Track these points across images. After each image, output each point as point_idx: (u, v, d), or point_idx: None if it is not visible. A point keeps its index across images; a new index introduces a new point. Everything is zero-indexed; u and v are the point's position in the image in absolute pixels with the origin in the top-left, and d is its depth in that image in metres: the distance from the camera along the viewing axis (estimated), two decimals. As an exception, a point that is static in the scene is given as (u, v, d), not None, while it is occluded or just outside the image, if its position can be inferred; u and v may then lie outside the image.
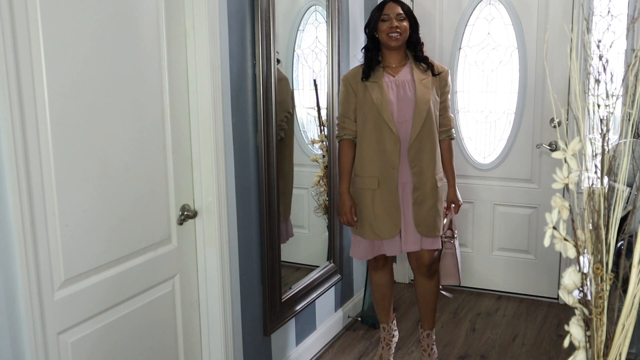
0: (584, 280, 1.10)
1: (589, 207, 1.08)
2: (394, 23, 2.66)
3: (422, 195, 2.73)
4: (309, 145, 3.30)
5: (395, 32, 2.66)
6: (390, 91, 2.69)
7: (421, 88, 2.70)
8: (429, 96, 2.70)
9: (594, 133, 1.10)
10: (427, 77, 2.73)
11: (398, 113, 2.69)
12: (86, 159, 1.79)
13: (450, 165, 2.87)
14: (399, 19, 2.67)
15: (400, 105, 2.69)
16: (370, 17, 2.75)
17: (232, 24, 2.33)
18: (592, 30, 3.28)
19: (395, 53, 2.73)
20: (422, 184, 2.72)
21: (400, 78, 2.72)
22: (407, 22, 2.70)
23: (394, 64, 2.74)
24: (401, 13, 2.68)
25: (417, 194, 2.73)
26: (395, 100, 2.69)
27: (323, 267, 3.26)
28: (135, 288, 2.04)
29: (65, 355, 1.78)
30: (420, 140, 2.70)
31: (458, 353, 3.24)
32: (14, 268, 1.59)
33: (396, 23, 2.66)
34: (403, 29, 2.68)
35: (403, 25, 2.68)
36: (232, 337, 2.44)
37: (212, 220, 2.30)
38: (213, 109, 2.23)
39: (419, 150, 2.70)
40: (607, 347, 1.09)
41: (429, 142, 2.72)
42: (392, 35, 2.66)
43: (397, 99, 2.69)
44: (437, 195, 2.76)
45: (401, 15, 2.68)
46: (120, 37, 1.89)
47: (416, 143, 2.69)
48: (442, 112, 2.80)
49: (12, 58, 1.53)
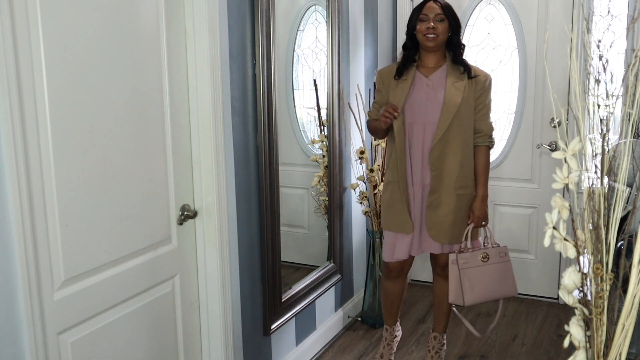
0: (584, 280, 1.10)
1: (589, 207, 1.08)
2: (431, 24, 2.60)
3: (438, 199, 2.67)
4: (309, 145, 3.30)
5: (432, 32, 2.60)
6: (419, 91, 2.66)
7: (452, 91, 2.63)
8: (458, 100, 2.62)
9: (594, 133, 1.10)
10: (461, 80, 2.65)
11: (425, 114, 2.65)
12: (86, 159, 1.79)
13: (481, 173, 2.72)
14: (437, 19, 2.61)
15: (427, 107, 2.65)
16: (411, 15, 2.71)
17: (232, 24, 2.33)
18: (592, 30, 3.28)
19: (433, 54, 2.68)
20: (439, 188, 2.66)
21: (433, 79, 2.68)
22: (447, 23, 2.63)
23: (430, 64, 2.70)
24: (440, 13, 2.61)
25: (433, 197, 2.68)
26: (423, 101, 2.65)
27: (323, 267, 3.26)
28: (135, 288, 2.04)
29: (65, 355, 1.78)
30: (445, 143, 2.63)
31: (458, 353, 3.24)
32: (14, 268, 1.59)
33: (433, 24, 2.60)
34: (441, 30, 2.61)
35: (441, 26, 2.61)
36: (232, 337, 2.44)
37: (212, 220, 2.30)
38: (213, 109, 2.23)
39: (442, 153, 2.64)
40: (607, 347, 1.09)
41: (456, 146, 2.64)
42: (428, 36, 2.61)
43: (427, 99, 2.65)
44: (457, 202, 2.67)
45: (440, 15, 2.61)
46: (120, 37, 1.89)
47: (439, 146, 2.63)
48: (479, 117, 2.69)
49: (12, 58, 1.53)
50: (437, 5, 2.64)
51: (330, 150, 3.22)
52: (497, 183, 3.88)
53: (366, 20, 3.58)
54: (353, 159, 3.49)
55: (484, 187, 2.74)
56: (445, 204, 2.68)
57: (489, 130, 2.72)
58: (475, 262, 2.67)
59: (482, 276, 2.67)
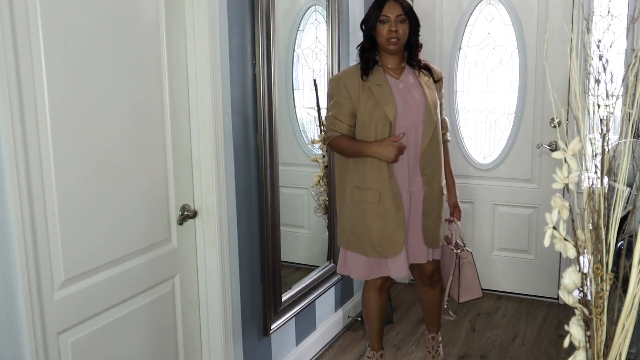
0: (584, 280, 1.10)
1: (589, 207, 1.08)
2: (393, 26, 2.45)
3: (431, 204, 2.59)
4: (309, 145, 3.30)
5: (394, 36, 2.45)
6: (397, 94, 2.51)
7: (429, 91, 2.56)
8: (436, 100, 2.58)
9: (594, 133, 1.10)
10: (429, 78, 2.61)
11: (406, 118, 2.50)
12: (86, 159, 1.79)
13: (450, 168, 2.77)
14: (399, 20, 2.45)
15: (408, 110, 2.50)
16: (368, 14, 2.51)
17: (232, 24, 2.33)
18: (592, 30, 3.28)
19: (395, 55, 2.56)
20: (431, 192, 2.58)
21: (404, 80, 2.55)
22: (407, 24, 2.48)
23: (392, 65, 2.55)
24: (401, 14, 2.45)
25: (427, 203, 2.58)
26: (402, 104, 2.50)
27: (323, 267, 3.26)
28: (135, 288, 2.04)
29: (65, 355, 1.78)
30: (431, 146, 2.55)
31: (458, 353, 3.24)
32: (14, 268, 1.59)
33: (395, 27, 2.45)
34: (402, 33, 2.47)
35: (402, 28, 2.47)
36: (232, 337, 2.45)
37: (212, 220, 2.30)
38: (213, 109, 2.23)
39: (430, 156, 2.56)
40: (607, 347, 1.09)
41: (437, 147, 2.59)
42: (391, 40, 2.46)
43: (405, 102, 2.51)
44: (441, 203, 2.64)
45: (401, 16, 2.45)
46: (120, 37, 1.89)
47: (428, 149, 2.54)
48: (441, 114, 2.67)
49: (12, 58, 1.53)
50: (397, 6, 2.46)
51: (330, 150, 3.22)
52: (497, 183, 3.88)
53: (366, 20, 3.58)
54: (353, 159, 3.48)
55: (454, 181, 2.79)
56: (434, 207, 2.62)
57: (447, 127, 2.76)
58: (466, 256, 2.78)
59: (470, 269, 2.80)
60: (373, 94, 2.49)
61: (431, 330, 2.99)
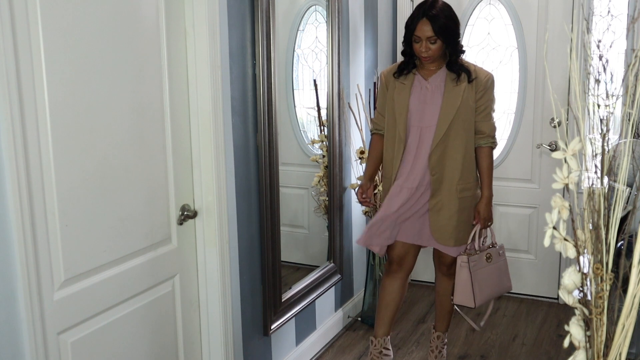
0: (584, 280, 1.10)
1: (589, 207, 1.08)
2: (424, 47, 2.55)
3: (440, 203, 2.65)
4: (309, 145, 3.30)
5: (425, 54, 2.57)
6: (417, 94, 2.64)
7: (450, 94, 2.60)
8: (457, 102, 2.59)
9: (594, 133, 1.10)
10: (461, 82, 2.61)
11: (422, 117, 2.63)
12: (86, 159, 1.79)
13: (485, 174, 2.69)
14: (430, 41, 2.54)
15: (425, 110, 2.63)
16: (405, 31, 2.63)
17: (232, 24, 2.33)
18: (592, 30, 3.28)
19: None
20: (441, 191, 2.64)
21: (432, 82, 2.64)
22: (440, 42, 2.55)
23: (431, 67, 2.66)
24: (432, 36, 2.52)
25: (435, 201, 2.66)
26: (421, 104, 2.63)
27: (323, 267, 3.26)
28: (135, 288, 2.04)
29: (65, 355, 1.78)
30: (444, 147, 2.61)
31: (458, 353, 3.24)
32: (14, 268, 1.59)
33: (426, 47, 2.55)
34: (434, 50, 2.56)
35: (434, 47, 2.55)
36: (232, 337, 2.44)
37: (212, 220, 2.30)
38: (213, 109, 2.23)
39: (441, 157, 2.62)
40: (607, 347, 1.09)
41: (455, 149, 2.62)
42: (423, 56, 2.58)
43: (424, 102, 2.63)
44: (460, 204, 2.65)
45: (432, 38, 2.53)
46: (120, 36, 1.89)
47: (438, 149, 2.61)
48: (480, 118, 2.64)
49: (12, 58, 1.53)
50: (428, 27, 2.52)
51: (330, 150, 3.22)
52: (497, 183, 3.86)
53: (366, 20, 3.58)
54: (353, 159, 3.49)
55: (488, 189, 2.69)
56: (447, 208, 2.65)
57: (491, 131, 2.67)
58: (482, 263, 2.69)
59: (488, 276, 2.71)
60: (397, 92, 2.69)
61: (438, 329, 2.99)
